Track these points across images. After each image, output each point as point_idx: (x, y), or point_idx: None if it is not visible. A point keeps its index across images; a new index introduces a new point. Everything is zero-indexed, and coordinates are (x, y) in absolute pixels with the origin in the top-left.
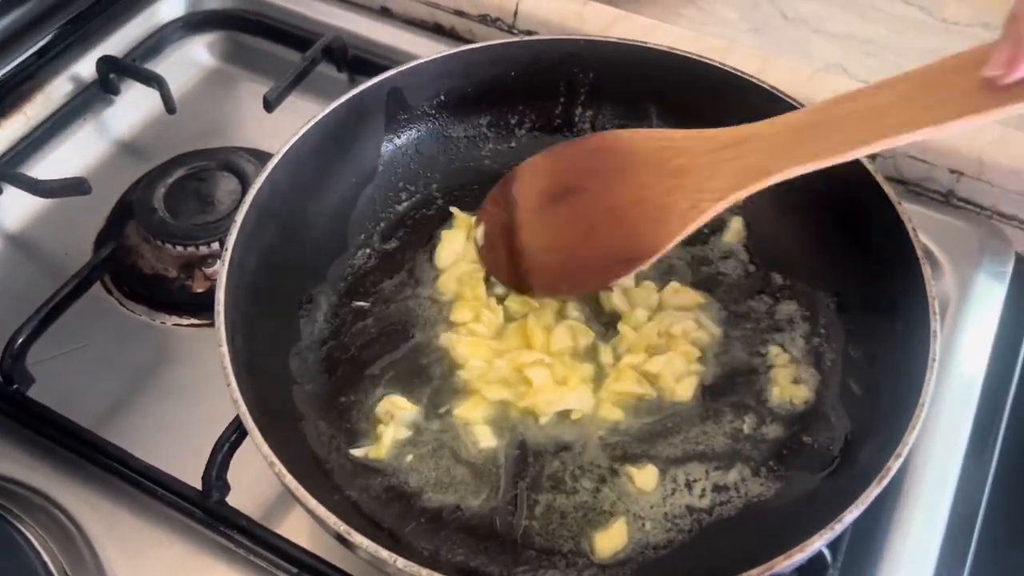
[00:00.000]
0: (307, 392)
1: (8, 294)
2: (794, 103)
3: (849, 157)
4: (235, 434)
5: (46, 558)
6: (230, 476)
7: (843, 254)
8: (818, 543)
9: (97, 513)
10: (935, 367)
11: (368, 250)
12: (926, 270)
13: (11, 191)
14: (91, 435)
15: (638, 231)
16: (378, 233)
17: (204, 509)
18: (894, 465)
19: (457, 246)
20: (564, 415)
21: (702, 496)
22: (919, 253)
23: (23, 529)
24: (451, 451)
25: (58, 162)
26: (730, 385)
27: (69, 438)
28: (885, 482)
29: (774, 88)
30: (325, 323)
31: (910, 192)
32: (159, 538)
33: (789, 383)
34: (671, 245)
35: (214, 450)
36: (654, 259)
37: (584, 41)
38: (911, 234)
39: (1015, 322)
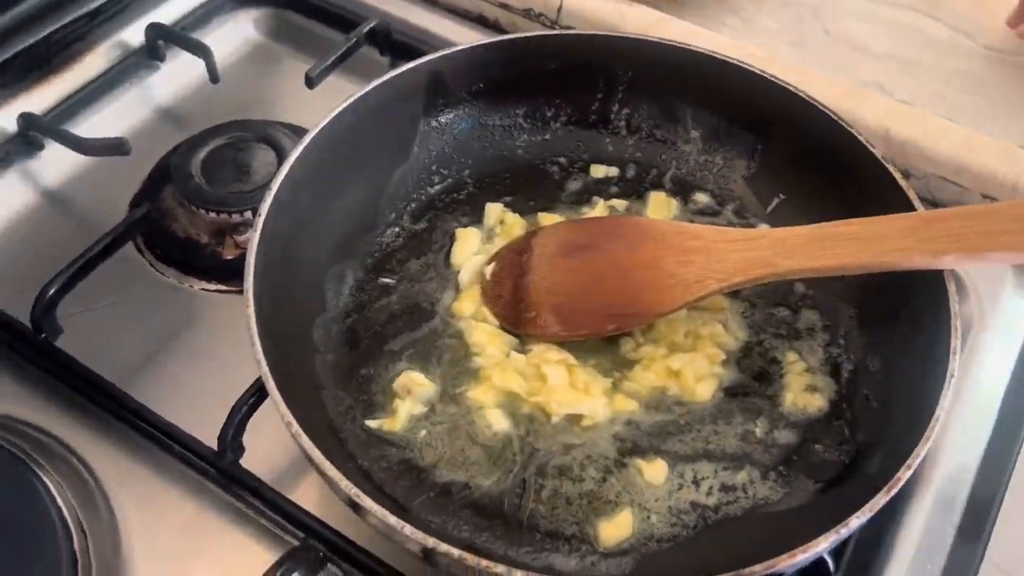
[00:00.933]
0: (328, 362)
1: (45, 247)
2: (831, 114)
3: (842, 271)
4: (254, 398)
5: (61, 504)
6: (247, 441)
7: None
8: (822, 545)
9: (115, 466)
10: (952, 382)
11: (397, 228)
12: (951, 287)
13: (54, 148)
14: (114, 388)
15: (643, 292)
16: (408, 213)
17: (218, 468)
18: (904, 476)
19: (473, 245)
20: (575, 419)
21: (709, 494)
22: (945, 271)
23: (41, 475)
24: (465, 431)
25: (102, 123)
26: (746, 389)
27: (92, 389)
28: (893, 491)
29: (812, 99)
30: (350, 296)
31: None
32: (173, 494)
33: (802, 390)
34: (672, 311)
35: (232, 411)
36: (651, 320)
37: (624, 38)
38: None
39: None
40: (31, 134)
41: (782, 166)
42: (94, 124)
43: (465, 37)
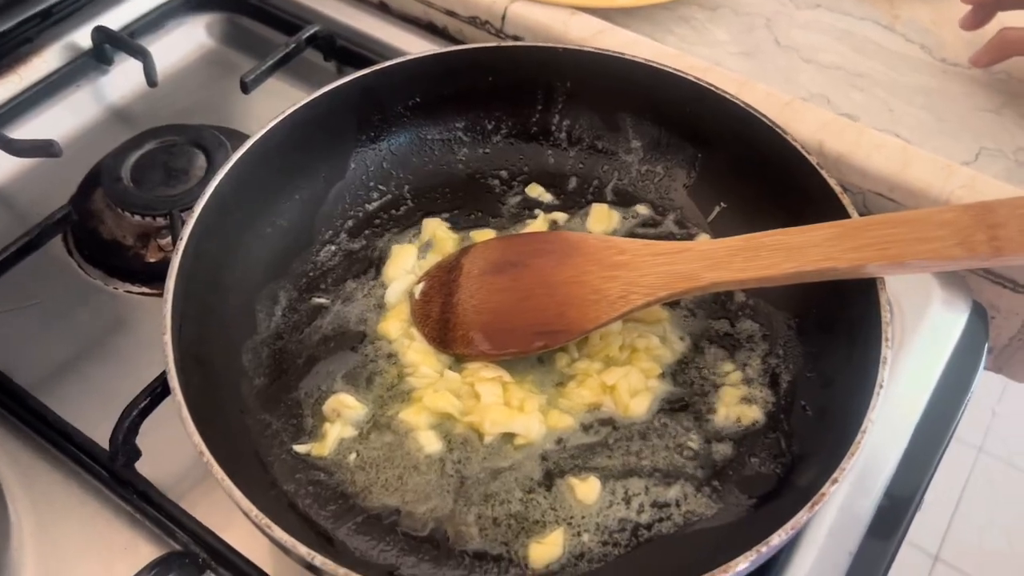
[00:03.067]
0: (256, 385)
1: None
2: (769, 123)
3: (769, 282)
4: (146, 401)
5: None
6: (151, 444)
7: None
8: (742, 566)
9: (14, 464)
10: (881, 393)
11: (333, 247)
12: (883, 296)
13: None
14: (17, 388)
15: (568, 308)
16: (345, 231)
17: (109, 471)
18: (828, 491)
19: (407, 262)
20: (509, 437)
21: (641, 511)
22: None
23: None
24: (396, 454)
25: (46, 125)
26: (682, 402)
27: None
28: (818, 508)
29: (750, 108)
30: (282, 318)
31: None
32: (71, 495)
33: (738, 402)
34: (596, 327)
35: (123, 415)
36: (577, 337)
37: (562, 49)
38: None
39: (958, 375)
40: None
41: (722, 175)
42: (40, 125)
43: (412, 45)
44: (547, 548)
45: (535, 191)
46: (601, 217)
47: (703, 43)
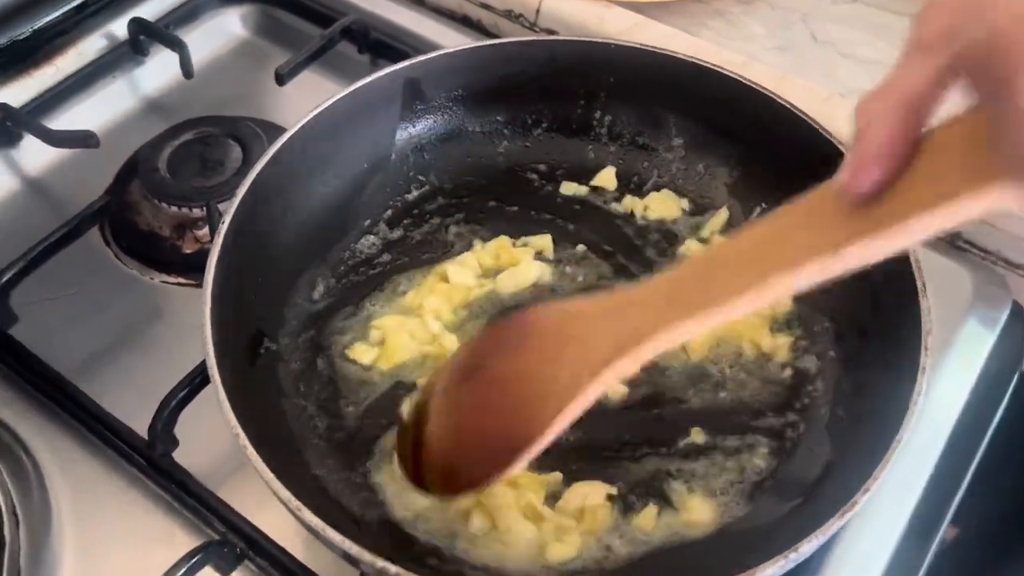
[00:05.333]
0: (292, 370)
1: (15, 235)
2: (810, 120)
3: (729, 313)
4: (184, 391)
5: None
6: (188, 433)
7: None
8: (770, 570)
9: (56, 452)
10: (919, 402)
11: (372, 237)
12: (924, 303)
13: (32, 139)
14: (57, 376)
15: (522, 411)
16: (384, 220)
17: (148, 460)
18: (861, 500)
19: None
20: None
21: None
22: (919, 286)
23: None
24: None
25: (83, 116)
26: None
27: (36, 376)
28: (848, 516)
29: (791, 104)
30: (320, 303)
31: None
32: (109, 483)
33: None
34: (557, 426)
35: (161, 404)
36: (539, 444)
37: (603, 44)
38: (914, 266)
39: (998, 375)
40: (8, 125)
41: (763, 174)
42: (76, 116)
43: (447, 38)
44: (565, 548)
45: (569, 188)
46: (667, 203)
47: (739, 37)
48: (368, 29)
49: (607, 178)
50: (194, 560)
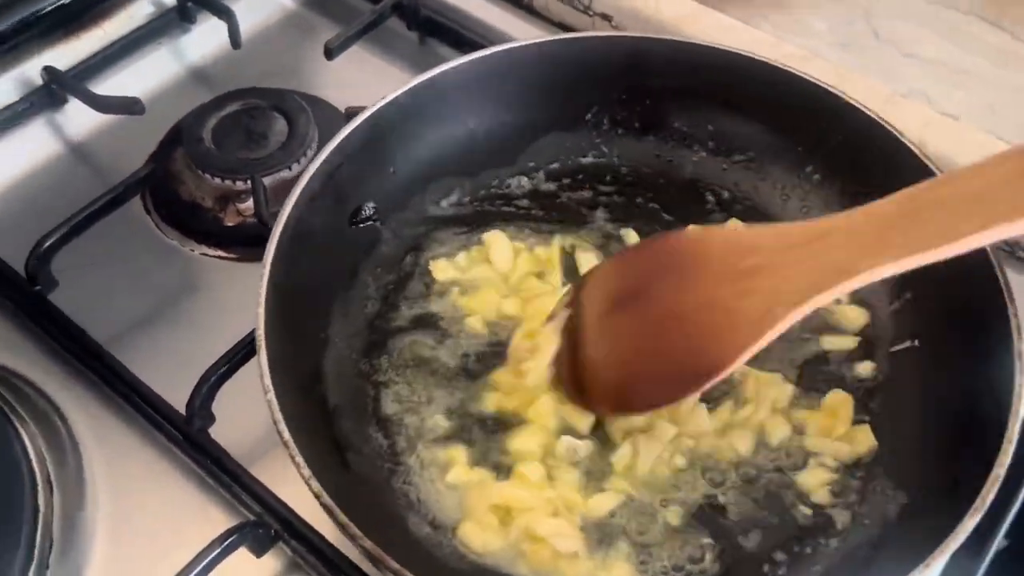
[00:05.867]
0: (382, 253)
1: (57, 200)
2: (874, 116)
3: (953, 251)
4: (224, 368)
5: (32, 456)
6: (224, 410)
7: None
8: None
9: (92, 423)
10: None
11: (526, 179)
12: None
13: (77, 103)
14: (95, 345)
15: (705, 341)
16: (545, 170)
17: (184, 435)
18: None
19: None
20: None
21: None
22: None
23: (17, 424)
24: None
25: (128, 81)
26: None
27: (75, 344)
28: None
29: (855, 101)
30: (444, 211)
31: None
32: (144, 455)
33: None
34: (743, 358)
35: (201, 380)
36: (724, 374)
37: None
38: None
39: None
40: (53, 88)
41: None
42: (122, 81)
43: (497, 18)
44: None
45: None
46: None
47: (799, 32)
48: (419, 6)
49: None
50: (228, 541)
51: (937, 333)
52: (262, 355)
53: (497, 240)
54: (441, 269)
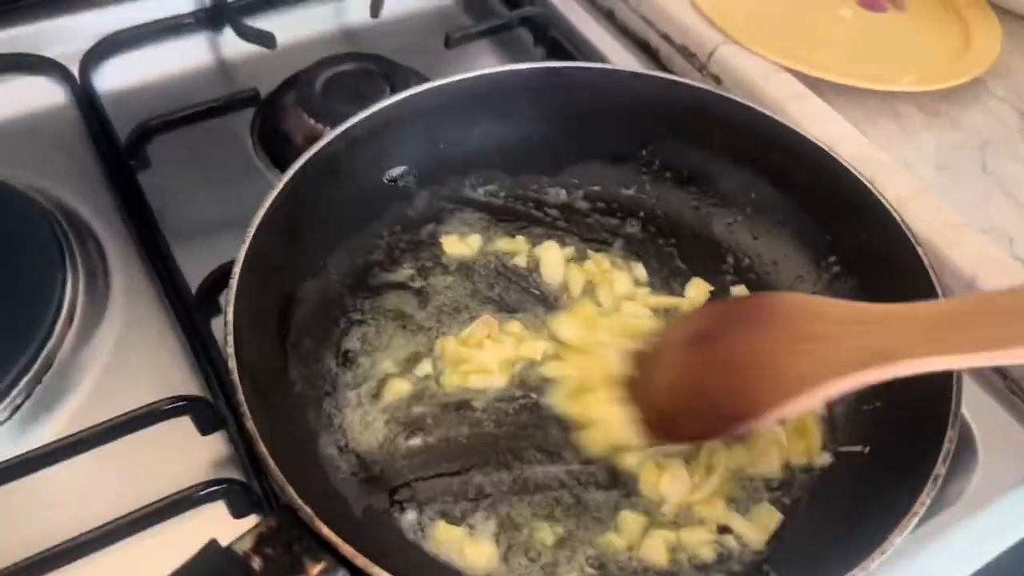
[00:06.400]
0: (414, 205)
1: (187, 102)
2: (900, 222)
3: (984, 361)
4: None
5: (68, 285)
6: None
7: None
8: None
9: (129, 281)
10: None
11: (564, 192)
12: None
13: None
14: (154, 223)
15: (748, 389)
16: (584, 189)
17: (189, 314)
18: None
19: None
20: None
21: None
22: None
23: (67, 258)
24: None
25: (284, 25)
26: None
27: (139, 223)
28: None
29: (885, 201)
30: (478, 196)
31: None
32: (161, 319)
33: None
34: (775, 413)
35: (212, 273)
36: (752, 423)
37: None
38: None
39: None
40: (215, 10)
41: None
42: (279, 23)
43: (618, 56)
44: None
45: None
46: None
47: (904, 143)
48: (548, 24)
49: None
50: (174, 405)
51: (886, 446)
52: (243, 249)
53: (550, 251)
54: (451, 244)
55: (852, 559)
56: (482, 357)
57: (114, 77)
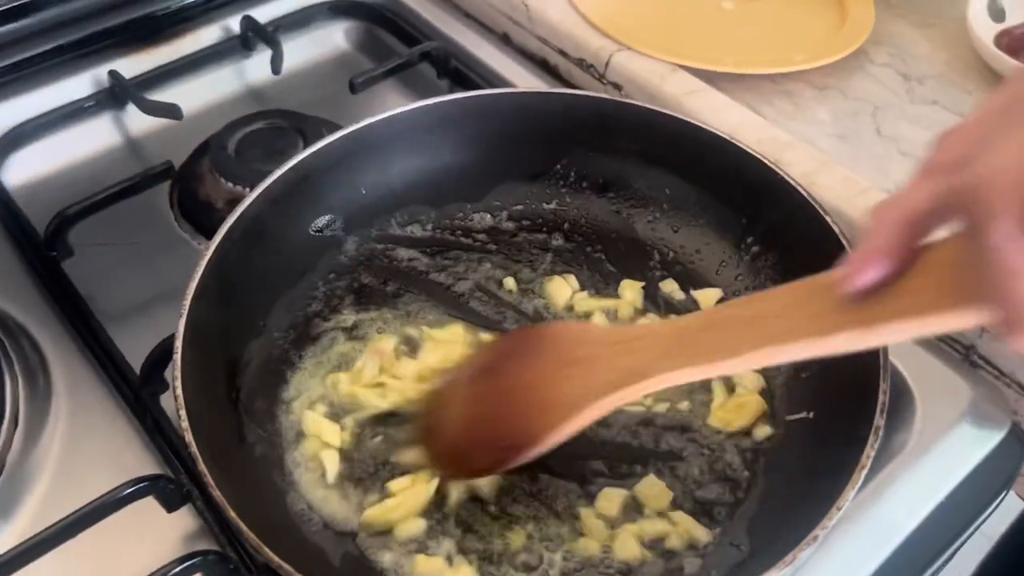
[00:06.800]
0: (345, 251)
1: (99, 185)
2: (804, 194)
3: (721, 369)
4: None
5: (8, 388)
6: None
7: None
8: None
9: (68, 373)
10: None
11: (489, 216)
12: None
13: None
14: (86, 308)
15: (524, 419)
16: (508, 211)
17: (136, 394)
18: None
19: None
20: None
21: None
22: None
23: (3, 362)
24: None
25: (186, 94)
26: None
27: (69, 305)
28: None
29: (789, 177)
30: (408, 233)
31: (928, 344)
32: (105, 409)
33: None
34: (550, 440)
35: (154, 349)
36: (532, 453)
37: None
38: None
39: (971, 504)
40: (116, 90)
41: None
42: (181, 93)
43: (520, 78)
44: None
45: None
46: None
47: (801, 119)
48: (449, 57)
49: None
50: (137, 486)
51: (828, 408)
52: (181, 322)
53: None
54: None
55: (813, 519)
56: (370, 396)
57: (23, 170)
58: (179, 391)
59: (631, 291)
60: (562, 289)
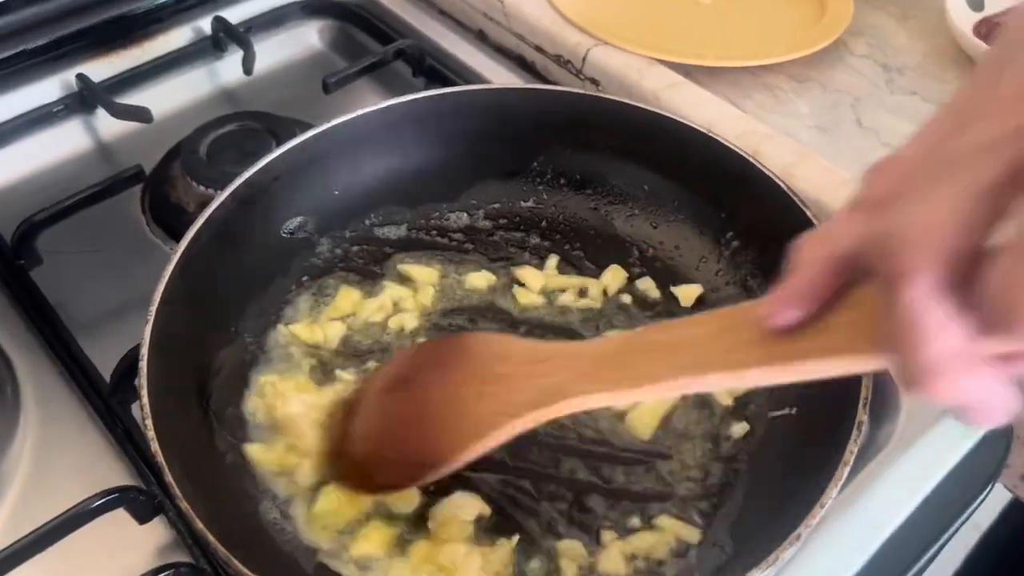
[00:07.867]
0: (318, 252)
1: (72, 188)
2: (783, 186)
3: (638, 395)
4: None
5: None
6: None
7: None
8: None
9: (38, 384)
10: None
11: (466, 216)
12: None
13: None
14: (55, 317)
15: (439, 435)
16: (485, 210)
17: (106, 404)
18: None
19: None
20: None
21: None
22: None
23: None
24: None
25: (158, 96)
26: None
27: (37, 315)
28: None
29: (767, 170)
30: (383, 233)
31: None
32: (75, 420)
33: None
34: (465, 457)
35: (124, 357)
36: (446, 469)
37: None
38: None
39: (954, 501)
40: (85, 95)
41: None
42: (152, 95)
43: (496, 74)
44: None
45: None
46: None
47: (781, 112)
48: (423, 54)
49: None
50: (108, 498)
51: (811, 404)
52: (147, 328)
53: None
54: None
55: (797, 517)
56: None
57: None
58: (145, 399)
59: (612, 276)
60: (534, 274)
